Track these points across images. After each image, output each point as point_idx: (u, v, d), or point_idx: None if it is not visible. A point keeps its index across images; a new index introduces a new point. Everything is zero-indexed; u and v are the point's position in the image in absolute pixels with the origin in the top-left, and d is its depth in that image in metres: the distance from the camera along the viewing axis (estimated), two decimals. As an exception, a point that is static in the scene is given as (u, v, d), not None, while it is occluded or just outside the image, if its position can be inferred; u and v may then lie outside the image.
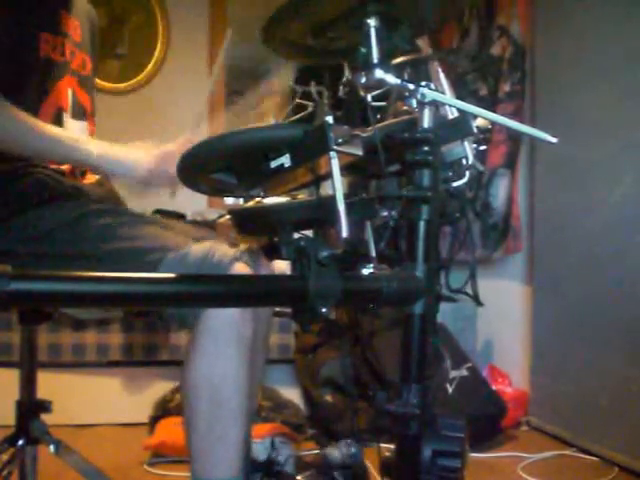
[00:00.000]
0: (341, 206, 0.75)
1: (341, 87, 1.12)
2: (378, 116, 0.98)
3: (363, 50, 0.86)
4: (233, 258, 1.10)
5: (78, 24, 1.35)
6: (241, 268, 1.10)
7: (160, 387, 2.36)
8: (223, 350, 1.08)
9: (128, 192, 1.29)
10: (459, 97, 0.91)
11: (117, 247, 1.13)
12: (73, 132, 1.29)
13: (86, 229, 1.16)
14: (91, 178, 1.34)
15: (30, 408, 1.37)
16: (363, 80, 0.87)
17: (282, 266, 1.24)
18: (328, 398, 2.35)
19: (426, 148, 0.87)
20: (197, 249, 1.10)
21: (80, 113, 1.35)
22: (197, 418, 1.08)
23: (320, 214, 0.91)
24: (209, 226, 1.55)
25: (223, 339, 1.08)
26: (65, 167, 1.27)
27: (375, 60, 0.86)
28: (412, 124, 0.90)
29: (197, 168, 0.93)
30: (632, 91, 2.05)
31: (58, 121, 1.27)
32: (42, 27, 1.25)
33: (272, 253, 1.19)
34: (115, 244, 1.14)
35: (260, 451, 1.65)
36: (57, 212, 1.18)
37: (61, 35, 1.29)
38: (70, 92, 1.32)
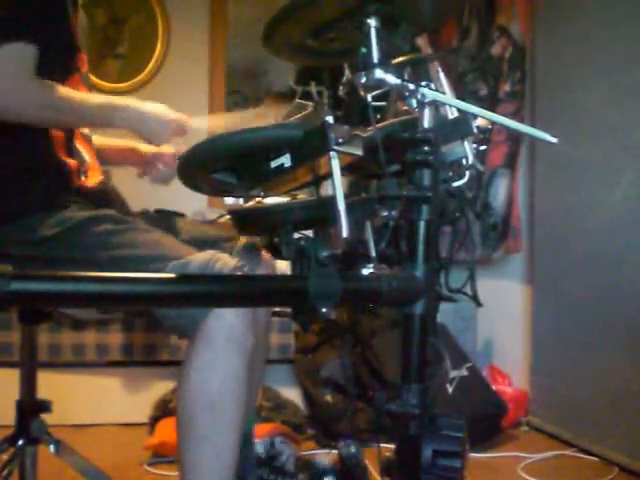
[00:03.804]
0: (341, 206, 0.75)
1: (341, 87, 1.12)
2: (378, 116, 0.98)
3: (363, 50, 0.86)
4: (234, 268, 1.10)
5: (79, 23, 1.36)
6: None
7: (160, 387, 2.36)
8: (222, 361, 1.08)
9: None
10: (459, 97, 0.91)
11: (118, 254, 1.13)
12: None
13: (87, 235, 1.16)
14: (94, 178, 1.34)
15: (30, 408, 1.37)
16: (363, 80, 0.87)
17: (282, 266, 1.24)
18: (328, 398, 2.35)
19: (426, 148, 0.87)
20: (198, 258, 1.10)
21: None
22: (192, 426, 1.08)
23: (320, 214, 0.91)
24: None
25: (222, 350, 1.07)
26: (72, 164, 1.26)
27: (375, 60, 0.86)
28: (412, 124, 0.90)
29: (197, 168, 0.93)
30: (632, 91, 2.05)
31: None
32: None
33: (272, 253, 1.19)
34: (116, 251, 1.14)
35: (260, 451, 1.66)
36: (59, 217, 1.17)
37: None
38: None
